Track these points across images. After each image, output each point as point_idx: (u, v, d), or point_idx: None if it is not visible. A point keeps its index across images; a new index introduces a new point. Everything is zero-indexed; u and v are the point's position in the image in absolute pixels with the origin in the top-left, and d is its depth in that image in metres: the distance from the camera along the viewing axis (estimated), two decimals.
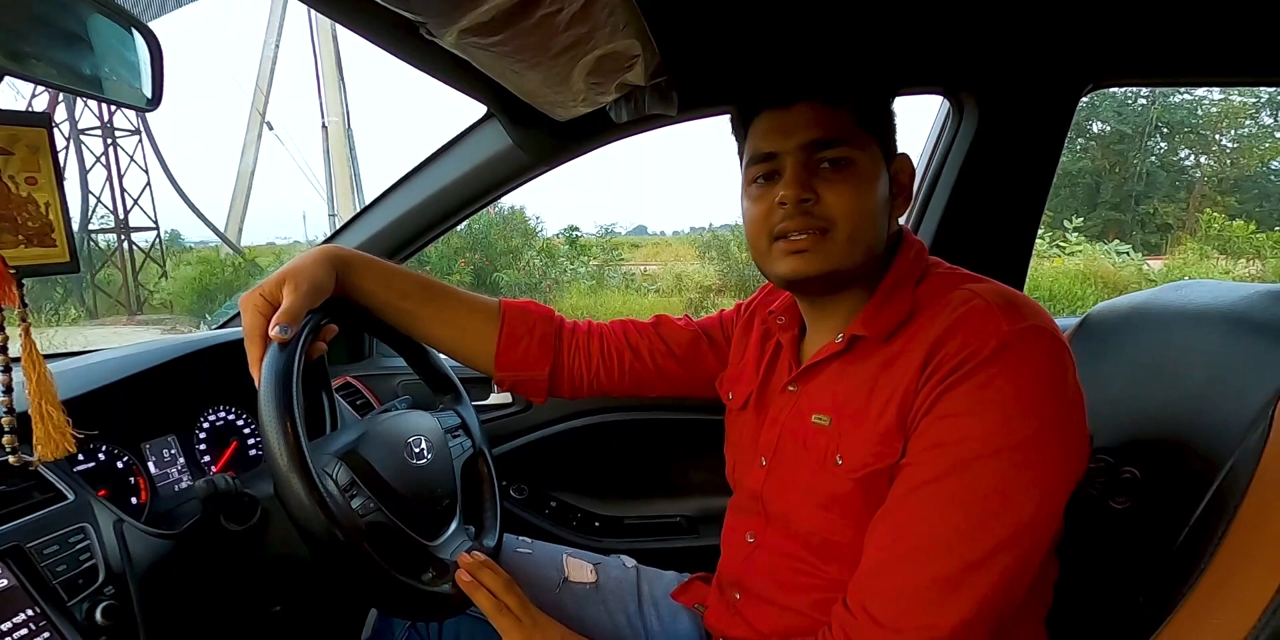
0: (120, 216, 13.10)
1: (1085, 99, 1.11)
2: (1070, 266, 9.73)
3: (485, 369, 0.86)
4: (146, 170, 13.46)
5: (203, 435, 0.90)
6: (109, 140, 13.03)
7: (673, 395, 0.91)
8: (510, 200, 11.88)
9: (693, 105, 1.04)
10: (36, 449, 0.59)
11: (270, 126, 14.22)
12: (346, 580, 0.64)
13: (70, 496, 0.64)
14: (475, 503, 0.86)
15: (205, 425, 0.91)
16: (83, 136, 12.76)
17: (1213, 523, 0.60)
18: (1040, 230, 1.22)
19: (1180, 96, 16.30)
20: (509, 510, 1.30)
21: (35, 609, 0.55)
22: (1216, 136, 16.80)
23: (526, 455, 1.34)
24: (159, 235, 13.86)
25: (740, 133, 0.72)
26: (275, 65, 14.30)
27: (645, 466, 1.39)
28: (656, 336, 0.89)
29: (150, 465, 0.82)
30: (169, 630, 0.64)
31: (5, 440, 0.58)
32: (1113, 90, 1.17)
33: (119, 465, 0.78)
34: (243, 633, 0.73)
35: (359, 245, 1.19)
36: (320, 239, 1.53)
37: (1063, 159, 1.15)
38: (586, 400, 1.02)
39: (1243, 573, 0.55)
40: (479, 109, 1.04)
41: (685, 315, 0.93)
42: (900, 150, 0.70)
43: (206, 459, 0.90)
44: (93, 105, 12.20)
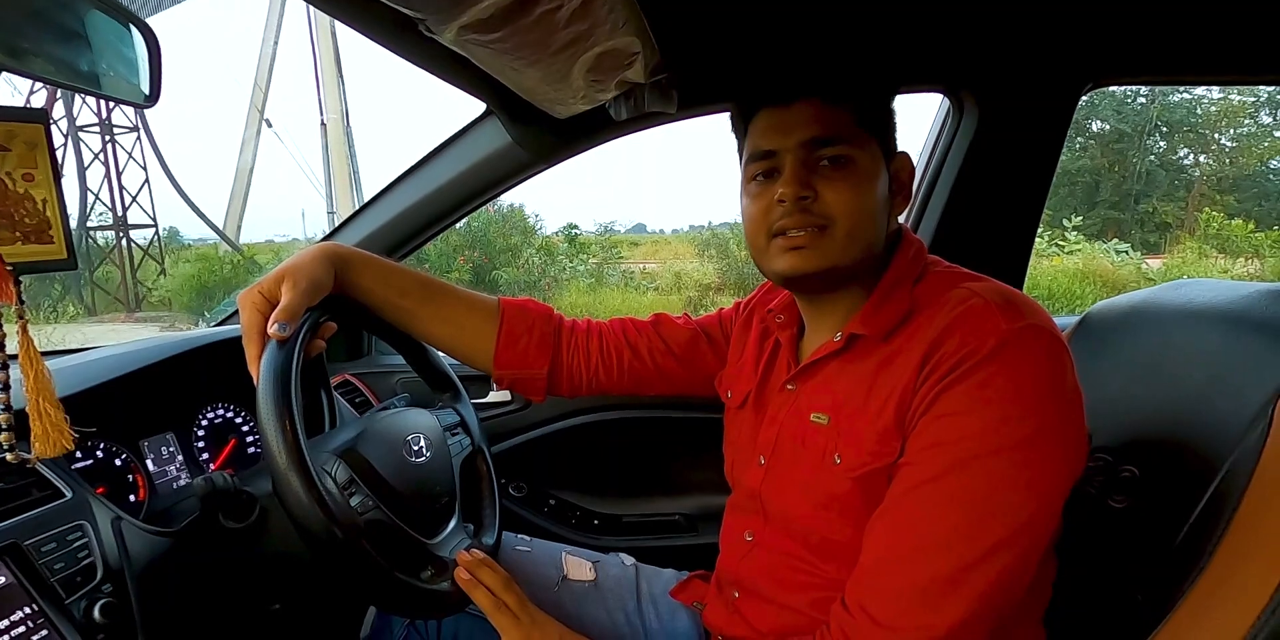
0: (118, 214, 13.07)
1: (1085, 98, 1.11)
2: (1069, 265, 9.73)
3: (484, 367, 0.86)
4: (145, 167, 13.44)
5: (201, 433, 0.90)
6: (107, 137, 12.98)
7: (672, 394, 0.91)
8: (509, 198, 11.89)
9: (692, 103, 1.04)
10: (34, 446, 0.59)
11: (269, 124, 14.23)
12: (345, 578, 0.64)
13: (68, 494, 0.64)
14: (474, 501, 0.86)
15: (204, 423, 0.91)
16: (81, 133, 12.72)
17: (1212, 521, 0.60)
18: (1039, 229, 1.22)
19: (1179, 95, 16.30)
20: (508, 508, 1.30)
21: (33, 607, 0.55)
22: (1215, 135, 16.81)
23: (525, 453, 1.34)
24: (157, 232, 13.83)
25: (740, 130, 0.72)
26: (274, 62, 14.28)
27: (644, 465, 1.39)
28: (655, 335, 0.89)
29: (148, 463, 0.82)
30: (167, 628, 0.64)
31: (3, 438, 0.58)
32: (1112, 89, 1.17)
33: (117, 463, 0.78)
34: (241, 631, 0.73)
35: (358, 243, 1.19)
36: (319, 236, 1.53)
37: (1062, 158, 1.15)
38: (585, 398, 1.03)
39: (1242, 571, 0.55)
40: (478, 106, 1.04)
41: (684, 314, 0.93)
42: (900, 149, 0.70)
43: (205, 457, 0.90)
44: (91, 102, 12.19)
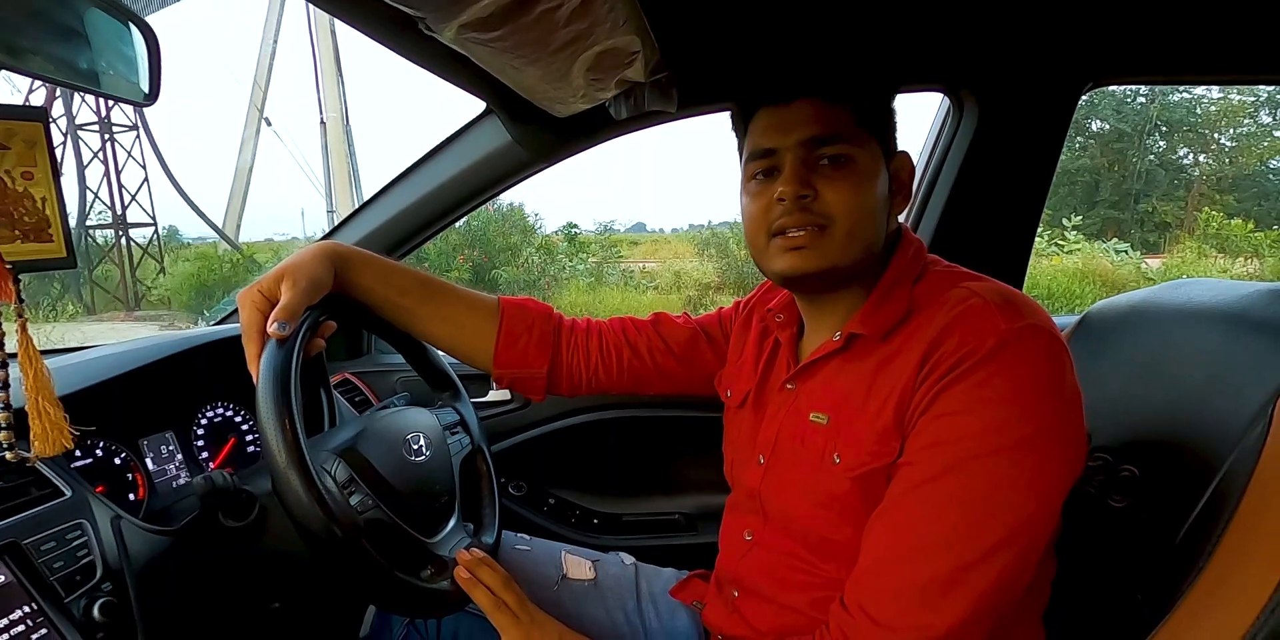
0: (118, 212, 13.06)
1: (1085, 97, 1.11)
2: (1069, 265, 9.73)
3: (484, 366, 0.86)
4: (144, 166, 13.43)
5: (201, 431, 0.90)
6: (106, 136, 12.97)
7: (671, 393, 0.91)
8: (509, 197, 11.87)
9: (692, 102, 1.04)
10: (34, 445, 0.59)
11: (268, 122, 14.21)
12: (345, 577, 0.64)
13: (68, 493, 0.64)
14: (474, 500, 0.86)
15: (203, 421, 0.91)
16: (80, 132, 12.71)
17: (1211, 521, 0.60)
18: (1039, 228, 1.22)
19: (1179, 95, 16.29)
20: (507, 507, 1.30)
21: (33, 605, 0.55)
22: (1215, 135, 16.79)
23: (525, 452, 1.34)
24: (157, 231, 13.82)
25: (740, 129, 0.72)
26: (273, 61, 14.26)
27: (644, 464, 1.39)
28: (655, 334, 0.89)
29: (148, 461, 0.82)
30: (167, 627, 0.64)
31: (2, 436, 0.58)
32: (1112, 89, 1.17)
33: (116, 461, 0.78)
34: (241, 629, 0.73)
35: (357, 242, 1.19)
36: (318, 235, 1.53)
37: (1062, 157, 1.15)
38: (585, 397, 1.02)
39: (1241, 571, 0.55)
40: (478, 105, 1.04)
41: (684, 313, 0.93)
42: (900, 148, 0.70)
43: (204, 455, 0.90)
44: (90, 100, 12.19)
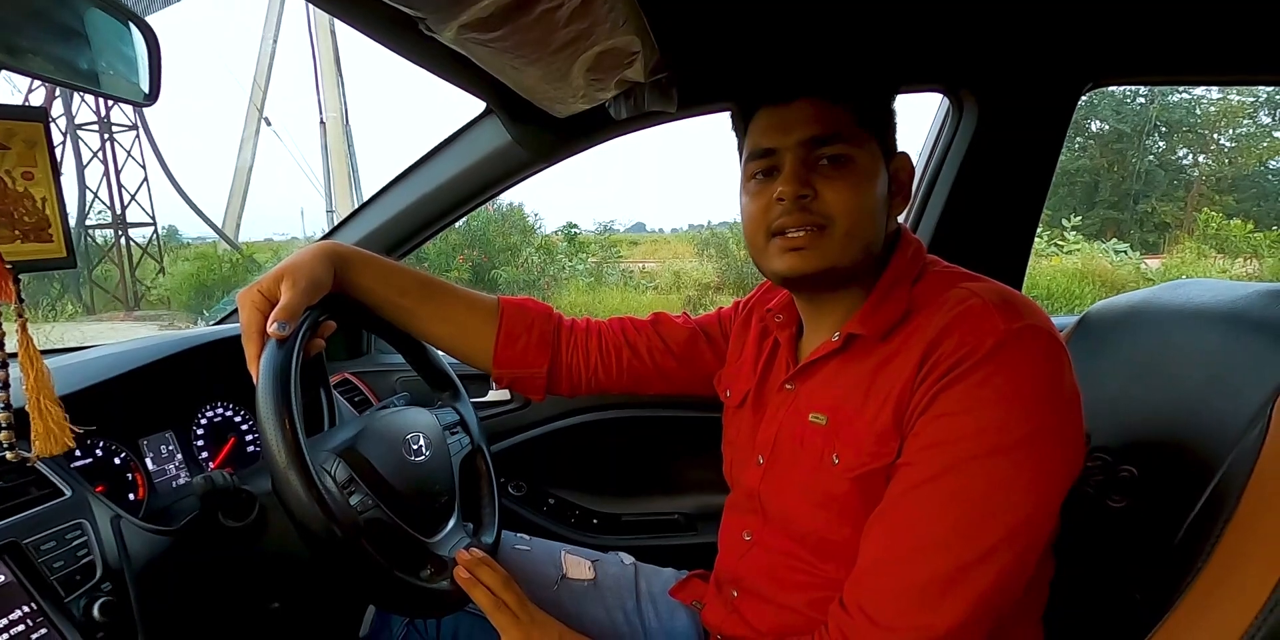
0: (117, 212, 13.06)
1: (1084, 98, 1.11)
2: (1068, 265, 9.73)
3: (484, 366, 0.86)
4: (144, 166, 13.42)
5: (200, 431, 0.90)
6: (106, 135, 12.96)
7: (671, 393, 0.91)
8: (509, 197, 11.87)
9: (692, 102, 1.04)
10: (34, 445, 0.58)
11: (268, 122, 14.18)
12: (345, 577, 0.64)
13: (67, 492, 0.64)
14: (473, 500, 0.86)
15: (203, 421, 0.91)
16: (80, 131, 12.70)
17: (1210, 521, 0.60)
18: (1039, 229, 1.22)
19: (1179, 95, 16.29)
20: (507, 507, 1.30)
21: (32, 605, 0.55)
22: (1215, 135, 16.78)
23: (525, 452, 1.34)
24: (156, 231, 13.82)
25: (740, 129, 0.72)
26: (273, 61, 14.24)
27: (643, 464, 1.39)
28: (655, 334, 0.89)
29: (148, 461, 0.82)
30: (167, 627, 0.64)
31: (3, 436, 0.58)
32: (1111, 89, 1.17)
33: (116, 461, 0.78)
34: (241, 629, 0.73)
35: (357, 242, 1.19)
36: (318, 235, 1.53)
37: (1061, 158, 1.15)
38: (585, 397, 1.02)
39: (1240, 571, 0.56)
40: (478, 105, 1.04)
41: (684, 313, 0.93)
42: (900, 149, 0.70)
43: (204, 455, 0.90)
44: (90, 100, 12.17)
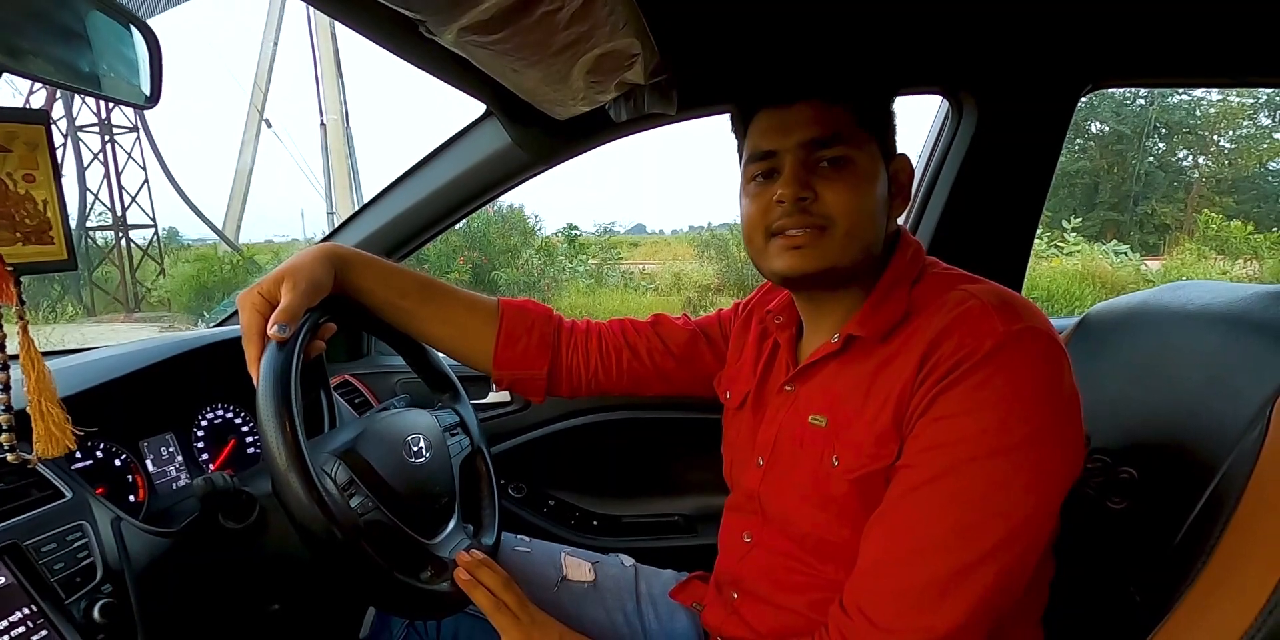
0: (118, 214, 13.06)
1: (1084, 99, 1.11)
2: (1068, 266, 9.72)
3: (484, 368, 0.86)
4: (144, 167, 13.42)
5: (201, 433, 0.90)
6: (107, 137, 12.97)
7: (671, 394, 0.91)
8: (509, 199, 11.89)
9: (692, 104, 1.04)
10: (35, 447, 0.58)
11: (269, 124, 14.19)
12: (345, 579, 0.64)
13: (68, 494, 0.64)
14: (473, 501, 0.86)
15: (203, 423, 0.91)
16: (80, 133, 12.70)
17: (1210, 523, 0.60)
18: (1039, 230, 1.22)
19: (1178, 97, 16.28)
20: (507, 509, 1.30)
21: (33, 607, 0.55)
22: (1214, 137, 16.78)
23: (525, 454, 1.34)
24: (157, 233, 13.82)
25: (740, 131, 0.72)
26: (274, 63, 14.26)
27: (643, 465, 1.39)
28: (655, 335, 0.89)
29: (148, 463, 0.82)
30: (167, 628, 0.64)
31: (4, 438, 0.58)
32: (1111, 90, 1.17)
33: (117, 463, 0.78)
34: (241, 631, 0.73)
35: (357, 243, 1.19)
36: (318, 237, 1.53)
37: (1061, 159, 1.15)
38: (585, 399, 1.03)
39: (1239, 572, 0.56)
40: (478, 107, 1.04)
41: (683, 314, 0.93)
42: (899, 150, 0.70)
43: (204, 457, 0.90)
44: (90, 102, 12.15)
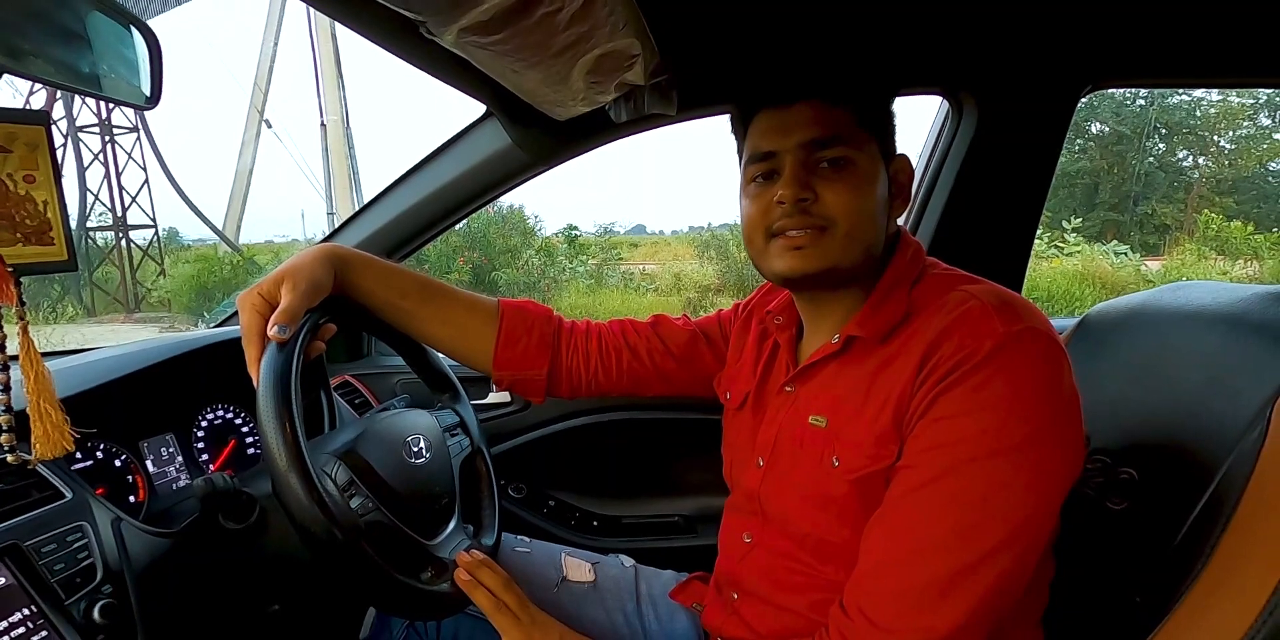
0: (118, 214, 13.06)
1: (1084, 100, 1.11)
2: (1069, 267, 9.72)
3: (484, 368, 0.86)
4: (145, 168, 13.42)
5: (201, 434, 0.90)
6: (107, 138, 12.97)
7: (671, 395, 0.91)
8: (509, 199, 11.89)
9: (692, 105, 1.04)
10: (35, 447, 0.59)
11: (269, 125, 14.19)
12: (345, 579, 0.64)
13: (68, 495, 0.64)
14: (474, 501, 0.86)
15: (203, 424, 0.91)
16: (80, 134, 12.70)
17: (1210, 523, 0.60)
18: (1039, 231, 1.22)
19: (1178, 97, 16.28)
20: (507, 509, 1.30)
21: (33, 608, 0.55)
22: (1215, 137, 16.78)
23: (525, 454, 1.34)
24: (157, 233, 13.82)
25: (740, 132, 0.72)
26: (274, 63, 14.26)
27: (643, 466, 1.39)
28: (655, 336, 0.89)
29: (148, 464, 0.82)
30: (167, 629, 0.64)
31: (3, 439, 0.58)
32: (1111, 91, 1.17)
33: (117, 463, 0.78)
34: (241, 631, 0.73)
35: (358, 244, 1.19)
36: (318, 237, 1.53)
37: (1061, 159, 1.15)
38: (585, 399, 1.03)
39: (1240, 573, 0.56)
40: (478, 108, 1.04)
41: (683, 315, 0.93)
42: (899, 150, 0.70)
43: (205, 457, 0.90)
44: (91, 102, 12.15)
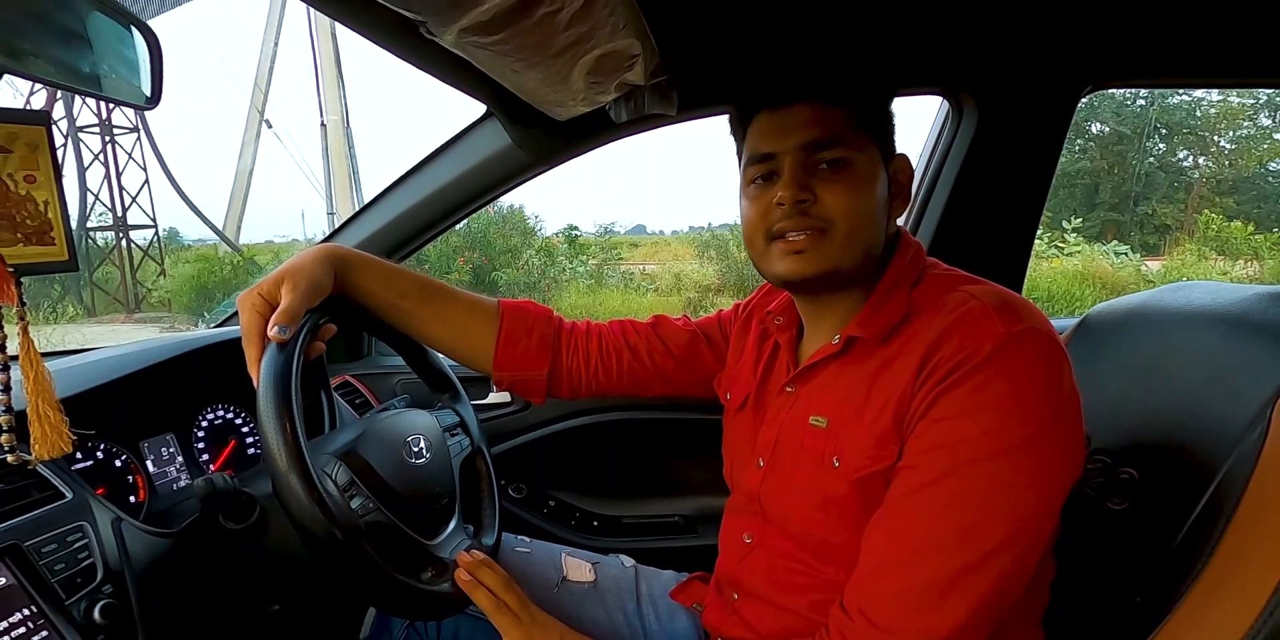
0: (118, 214, 13.06)
1: (1084, 100, 1.11)
2: (1069, 267, 9.71)
3: (484, 369, 0.86)
4: (145, 168, 13.43)
5: (201, 434, 0.90)
6: (107, 138, 12.97)
7: (671, 395, 0.91)
8: (509, 199, 11.89)
9: (692, 105, 1.04)
10: (34, 448, 0.59)
11: (269, 125, 14.20)
12: (345, 579, 0.64)
13: (68, 495, 0.64)
14: (474, 501, 0.86)
15: (204, 424, 0.91)
16: (81, 134, 12.69)
17: (1210, 524, 0.60)
18: (1039, 231, 1.22)
19: (1179, 97, 16.28)
20: (507, 509, 1.30)
21: (33, 608, 0.55)
22: (1215, 138, 16.78)
23: (525, 454, 1.34)
24: (157, 233, 13.82)
25: (739, 133, 0.72)
26: (274, 63, 14.27)
27: (643, 466, 1.40)
28: (655, 336, 0.89)
29: (148, 464, 0.82)
30: (167, 629, 0.64)
31: (3, 439, 0.58)
32: (1112, 91, 1.17)
33: (117, 464, 0.78)
34: (241, 632, 0.73)
35: (358, 244, 1.19)
36: (319, 237, 1.53)
37: (1061, 160, 1.15)
38: (585, 400, 1.03)
39: (1240, 573, 0.56)
40: (478, 108, 1.04)
41: (684, 315, 0.93)
42: (900, 151, 0.70)
43: (205, 458, 0.90)
44: (91, 102, 12.14)
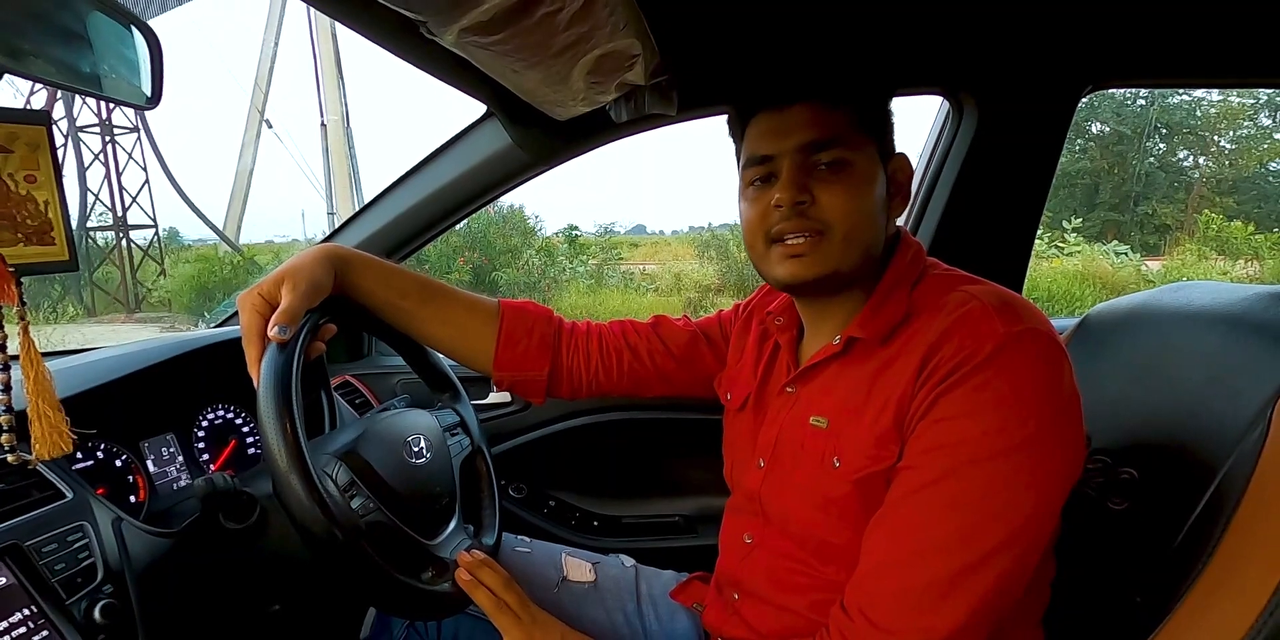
0: (119, 214, 13.06)
1: (1084, 100, 1.11)
2: (1069, 267, 9.71)
3: (484, 369, 0.86)
4: (145, 168, 13.42)
5: (201, 434, 0.90)
6: (107, 138, 12.96)
7: (671, 395, 0.91)
8: (509, 199, 11.88)
9: (692, 105, 1.04)
10: (34, 448, 0.59)
11: (269, 125, 14.19)
12: (345, 579, 0.64)
13: (69, 495, 0.64)
14: (474, 501, 0.86)
15: (204, 424, 0.91)
16: (81, 134, 12.69)
17: (1210, 524, 0.60)
18: (1039, 231, 1.22)
19: (1179, 97, 16.28)
20: (508, 509, 1.30)
21: (33, 608, 0.55)
22: (1215, 137, 16.78)
23: (525, 454, 1.35)
24: (157, 233, 13.82)
25: (738, 134, 0.72)
26: (274, 63, 14.26)
27: (644, 466, 1.40)
28: (655, 337, 0.89)
29: (149, 464, 0.82)
30: (168, 629, 0.64)
31: (4, 439, 0.58)
32: (1112, 91, 1.17)
33: (117, 463, 0.78)
34: (241, 631, 0.73)
35: (358, 244, 1.19)
36: (319, 237, 1.53)
37: (1061, 159, 1.15)
38: (585, 400, 1.03)
39: (1240, 573, 0.56)
40: (478, 108, 1.04)
41: (684, 315, 0.93)
42: (899, 150, 0.70)
43: (205, 457, 0.90)
44: (91, 102, 12.14)
